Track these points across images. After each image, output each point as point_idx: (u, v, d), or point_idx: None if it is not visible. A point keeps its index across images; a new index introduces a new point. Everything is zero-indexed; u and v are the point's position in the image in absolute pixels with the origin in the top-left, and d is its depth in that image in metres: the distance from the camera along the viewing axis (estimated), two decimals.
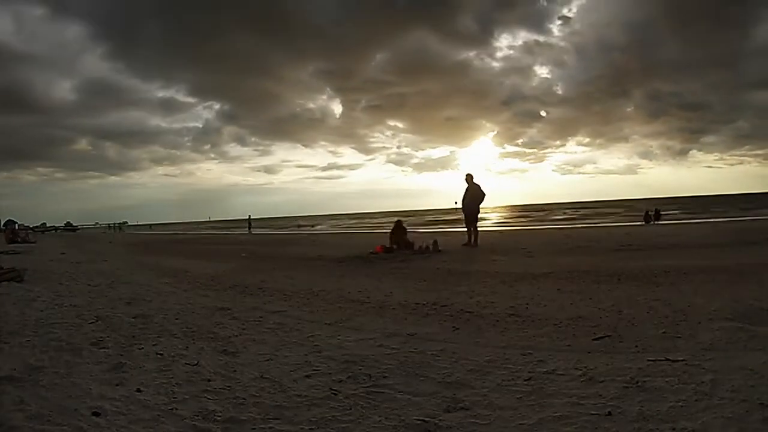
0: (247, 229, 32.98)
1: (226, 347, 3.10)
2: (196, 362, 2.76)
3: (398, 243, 9.63)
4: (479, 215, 10.41)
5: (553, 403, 2.04)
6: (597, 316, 3.58)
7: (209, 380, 2.47)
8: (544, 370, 2.46)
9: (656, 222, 20.35)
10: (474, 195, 10.05)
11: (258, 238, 22.13)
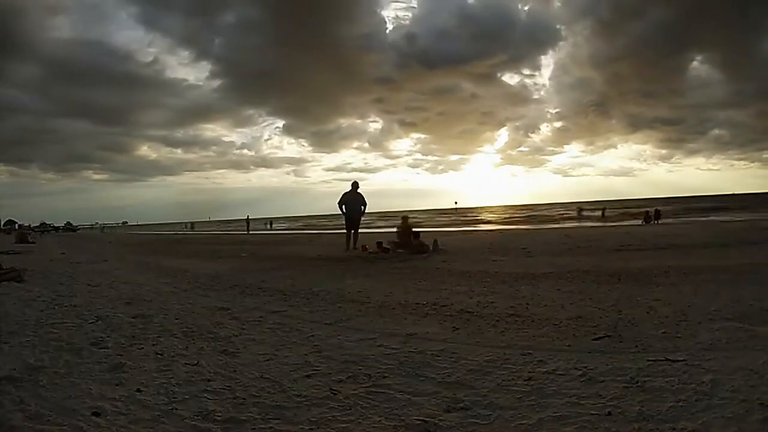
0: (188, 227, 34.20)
1: (226, 347, 3.09)
2: (196, 362, 2.76)
3: (404, 243, 9.57)
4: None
5: (553, 403, 2.03)
6: (597, 316, 3.58)
7: (209, 380, 2.46)
8: (544, 370, 2.46)
9: (656, 222, 20.36)
10: (359, 202, 10.78)
11: (258, 238, 22.12)
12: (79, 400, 2.16)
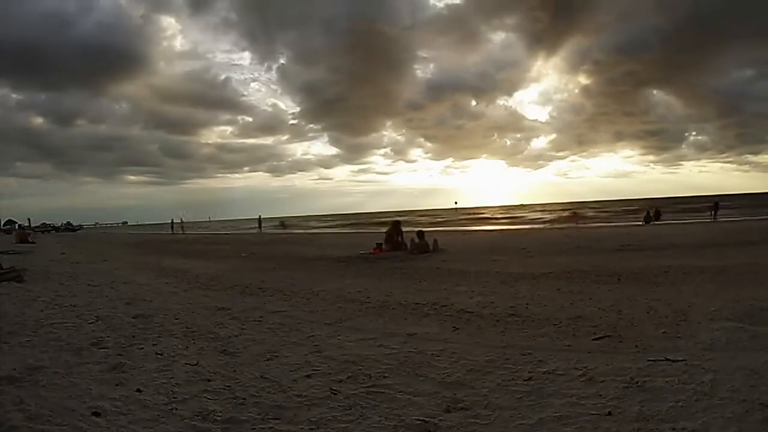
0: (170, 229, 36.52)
1: (226, 347, 3.09)
2: (196, 362, 2.76)
3: (395, 243, 9.63)
4: None
5: (553, 403, 2.03)
6: (597, 316, 3.58)
7: (209, 380, 2.46)
8: (544, 370, 2.46)
9: (656, 222, 20.34)
10: None
11: (259, 237, 22.12)
12: (79, 400, 2.16)
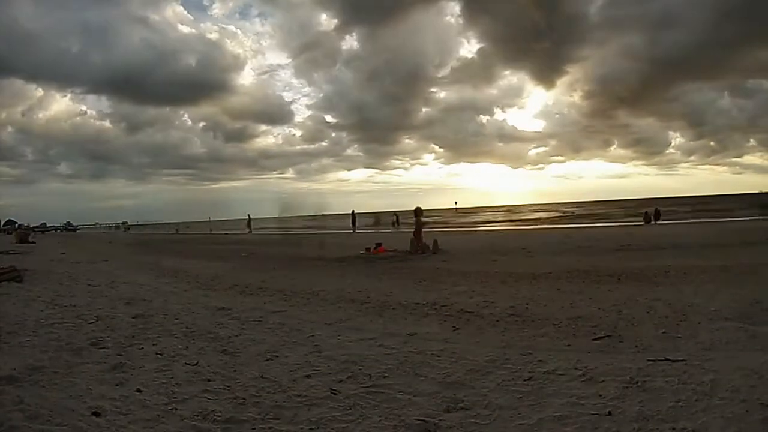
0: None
1: (226, 347, 3.09)
2: (196, 362, 2.76)
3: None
4: None
5: (553, 403, 2.03)
6: (597, 316, 3.58)
7: (209, 380, 2.47)
8: (544, 370, 2.46)
9: (656, 222, 20.34)
10: None
11: (259, 238, 22.11)
12: (79, 400, 2.16)
